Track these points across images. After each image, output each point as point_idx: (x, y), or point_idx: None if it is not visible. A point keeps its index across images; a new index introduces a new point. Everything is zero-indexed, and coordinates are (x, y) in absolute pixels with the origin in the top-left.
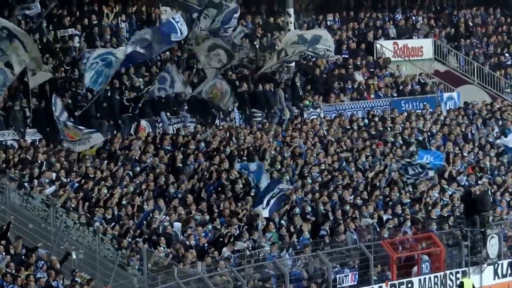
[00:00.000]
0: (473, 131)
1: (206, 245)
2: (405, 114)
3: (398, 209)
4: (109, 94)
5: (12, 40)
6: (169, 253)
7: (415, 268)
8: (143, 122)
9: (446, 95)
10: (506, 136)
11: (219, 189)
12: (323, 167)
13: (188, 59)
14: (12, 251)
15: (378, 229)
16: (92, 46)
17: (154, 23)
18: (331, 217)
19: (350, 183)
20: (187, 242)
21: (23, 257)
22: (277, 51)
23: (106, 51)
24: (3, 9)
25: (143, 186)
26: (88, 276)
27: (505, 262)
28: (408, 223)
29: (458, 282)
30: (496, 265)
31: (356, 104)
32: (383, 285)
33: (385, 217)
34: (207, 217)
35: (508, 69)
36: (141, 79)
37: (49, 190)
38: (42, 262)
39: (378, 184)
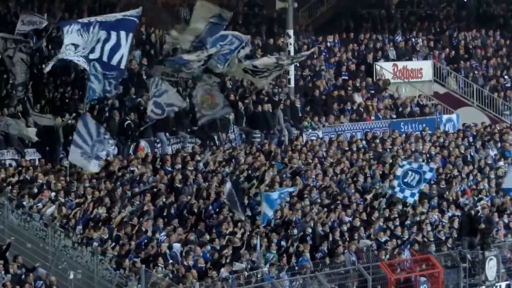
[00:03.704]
0: (472, 153)
1: (204, 266)
2: (404, 135)
3: (397, 231)
4: (107, 114)
5: None
6: (168, 274)
7: None
8: (143, 142)
9: (445, 117)
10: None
11: (218, 209)
12: (322, 188)
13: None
14: (12, 271)
15: (376, 251)
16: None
17: (153, 44)
18: (330, 239)
19: (349, 205)
20: (185, 263)
21: (22, 276)
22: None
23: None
24: (3, 27)
25: (143, 207)
26: None
27: (503, 284)
28: (407, 244)
29: None
30: (494, 287)
31: (355, 126)
32: None
33: (383, 239)
34: (207, 236)
35: (508, 92)
36: (139, 99)
37: (49, 210)
38: (41, 282)
39: (377, 206)
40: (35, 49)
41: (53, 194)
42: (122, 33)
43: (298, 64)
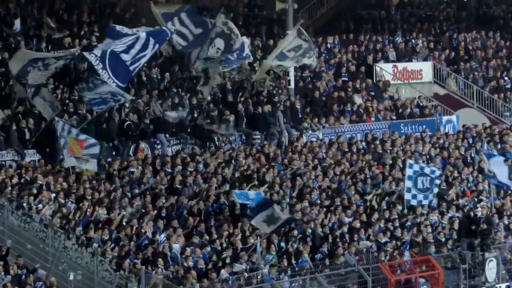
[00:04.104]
0: (473, 155)
1: (204, 267)
2: (404, 137)
3: (397, 232)
4: (106, 115)
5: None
6: (168, 275)
7: None
8: (142, 144)
9: (445, 118)
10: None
11: (218, 210)
12: (322, 189)
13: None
14: (12, 272)
15: (376, 252)
16: (91, 65)
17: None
18: (330, 240)
19: (349, 206)
20: (185, 264)
21: (22, 277)
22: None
23: (118, 91)
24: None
25: (143, 207)
26: None
27: (503, 286)
28: (407, 246)
29: None
30: None
31: (355, 127)
32: None
33: (383, 240)
34: (207, 237)
35: (508, 93)
36: (139, 100)
37: (49, 211)
38: (41, 283)
39: (377, 207)
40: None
41: (53, 195)
42: (156, 46)
43: (297, 65)
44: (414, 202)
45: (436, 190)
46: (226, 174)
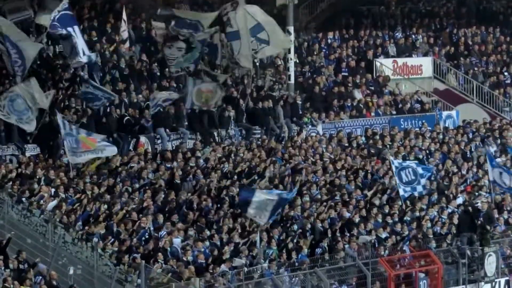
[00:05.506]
0: (472, 150)
1: (204, 261)
2: (403, 132)
3: (397, 227)
4: (108, 110)
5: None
6: (168, 269)
7: None
8: (142, 138)
9: (445, 113)
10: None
11: (219, 205)
12: (322, 184)
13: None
14: (12, 266)
15: (376, 247)
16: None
17: (152, 39)
18: (329, 235)
19: (349, 201)
20: (184, 258)
21: (23, 272)
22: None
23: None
24: None
25: (143, 202)
26: None
27: (503, 280)
28: (407, 240)
29: None
30: (493, 283)
31: (355, 122)
32: None
33: (383, 235)
34: (207, 232)
35: (507, 88)
36: (140, 95)
37: (50, 205)
38: (40, 277)
39: (378, 202)
40: None
41: (53, 190)
42: None
43: (297, 61)
44: (406, 195)
45: (423, 180)
46: (226, 169)
